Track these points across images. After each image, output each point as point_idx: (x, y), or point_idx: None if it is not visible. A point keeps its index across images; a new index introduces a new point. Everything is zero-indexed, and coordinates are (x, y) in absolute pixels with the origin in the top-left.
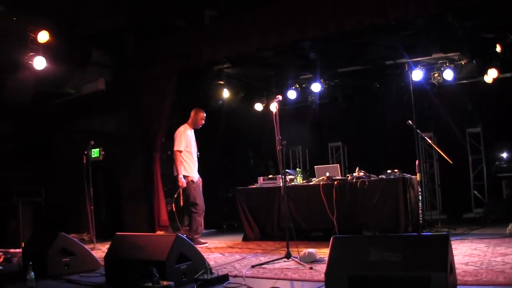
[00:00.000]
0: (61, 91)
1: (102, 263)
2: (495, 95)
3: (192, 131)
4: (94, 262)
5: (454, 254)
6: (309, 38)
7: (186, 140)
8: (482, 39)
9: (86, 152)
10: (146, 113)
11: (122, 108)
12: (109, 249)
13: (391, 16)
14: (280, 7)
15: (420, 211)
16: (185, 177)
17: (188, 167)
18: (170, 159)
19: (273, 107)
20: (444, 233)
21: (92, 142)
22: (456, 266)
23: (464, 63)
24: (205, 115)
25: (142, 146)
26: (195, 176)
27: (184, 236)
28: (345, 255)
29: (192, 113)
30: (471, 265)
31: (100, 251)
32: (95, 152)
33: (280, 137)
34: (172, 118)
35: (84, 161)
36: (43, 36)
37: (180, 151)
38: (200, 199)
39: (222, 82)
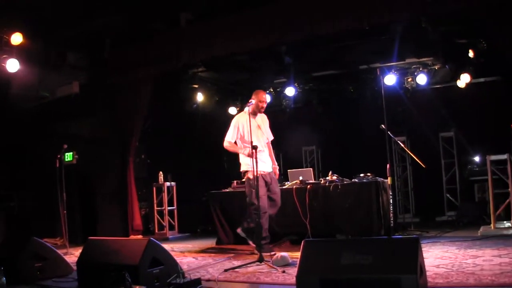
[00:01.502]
0: (35, 94)
1: (75, 267)
2: (468, 99)
3: (255, 117)
4: (67, 267)
5: (425, 257)
6: (285, 42)
7: (238, 130)
8: (455, 44)
9: (59, 156)
10: (121, 117)
11: (97, 112)
12: (81, 254)
13: (366, 22)
14: (257, 12)
15: (392, 215)
16: (243, 172)
17: (244, 159)
18: (143, 163)
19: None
20: (414, 236)
21: (65, 146)
22: (427, 268)
23: (438, 68)
24: (265, 96)
25: (117, 150)
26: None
27: (156, 241)
28: (316, 259)
29: (252, 97)
30: (442, 267)
31: (73, 255)
32: (68, 156)
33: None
34: (146, 122)
35: (57, 165)
36: (16, 38)
37: (229, 142)
38: (256, 198)
39: (196, 86)
